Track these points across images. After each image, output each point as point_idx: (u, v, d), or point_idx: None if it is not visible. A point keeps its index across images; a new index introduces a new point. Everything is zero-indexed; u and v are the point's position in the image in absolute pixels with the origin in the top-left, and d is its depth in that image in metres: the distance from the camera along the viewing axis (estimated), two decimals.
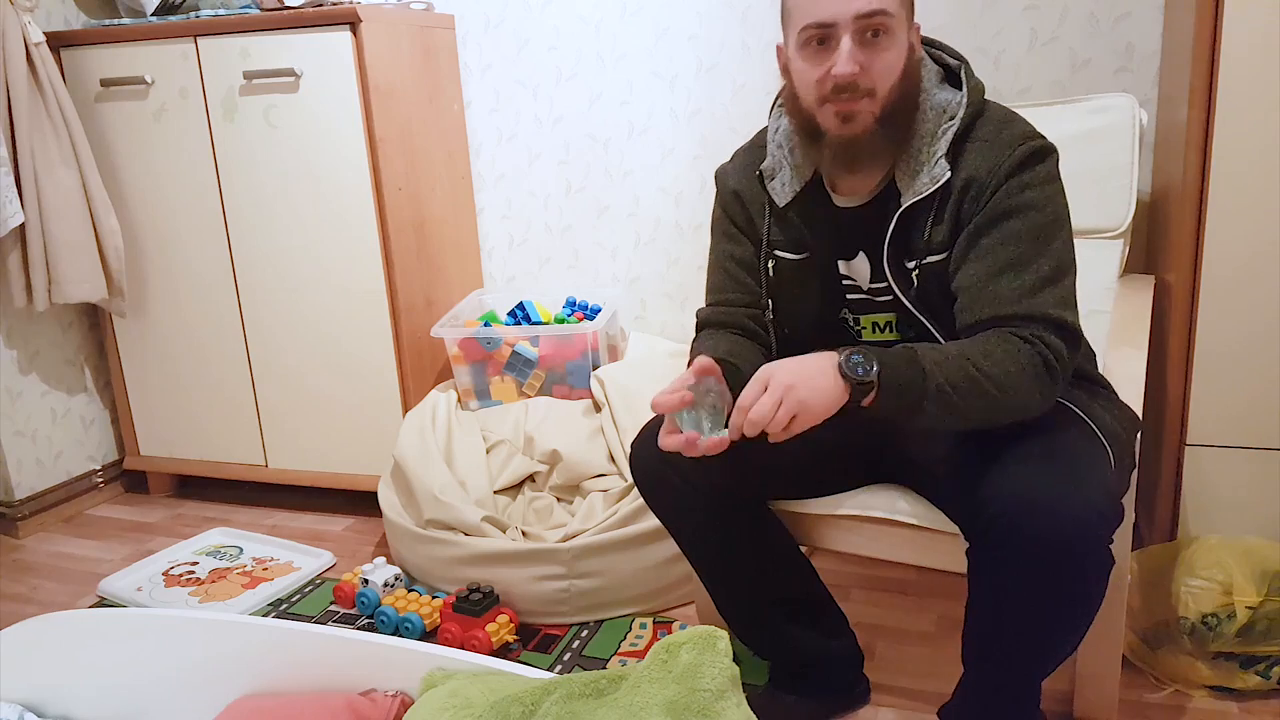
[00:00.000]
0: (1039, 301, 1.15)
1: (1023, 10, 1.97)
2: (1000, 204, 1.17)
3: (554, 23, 2.31)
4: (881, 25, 1.15)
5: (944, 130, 1.21)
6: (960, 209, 1.20)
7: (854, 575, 1.90)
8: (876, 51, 1.16)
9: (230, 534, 2.26)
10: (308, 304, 2.23)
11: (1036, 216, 1.17)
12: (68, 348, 2.46)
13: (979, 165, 1.19)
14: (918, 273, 1.23)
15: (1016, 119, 1.23)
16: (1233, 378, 1.57)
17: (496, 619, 1.72)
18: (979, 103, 1.22)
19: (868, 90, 1.17)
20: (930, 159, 1.20)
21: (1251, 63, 1.47)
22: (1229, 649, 1.47)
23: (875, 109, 1.18)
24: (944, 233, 1.21)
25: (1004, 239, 1.17)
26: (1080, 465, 1.10)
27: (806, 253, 1.32)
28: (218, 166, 2.21)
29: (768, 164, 1.33)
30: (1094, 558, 1.08)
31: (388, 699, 1.05)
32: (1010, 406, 1.12)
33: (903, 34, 1.18)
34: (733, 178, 1.39)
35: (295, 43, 2.06)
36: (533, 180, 2.44)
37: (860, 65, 1.15)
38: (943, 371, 1.09)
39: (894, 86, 1.18)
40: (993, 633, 1.19)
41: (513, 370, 2.15)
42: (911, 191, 1.21)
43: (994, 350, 1.11)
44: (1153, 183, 1.93)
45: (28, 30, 2.08)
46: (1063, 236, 1.19)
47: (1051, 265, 1.16)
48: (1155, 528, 1.70)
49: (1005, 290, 1.16)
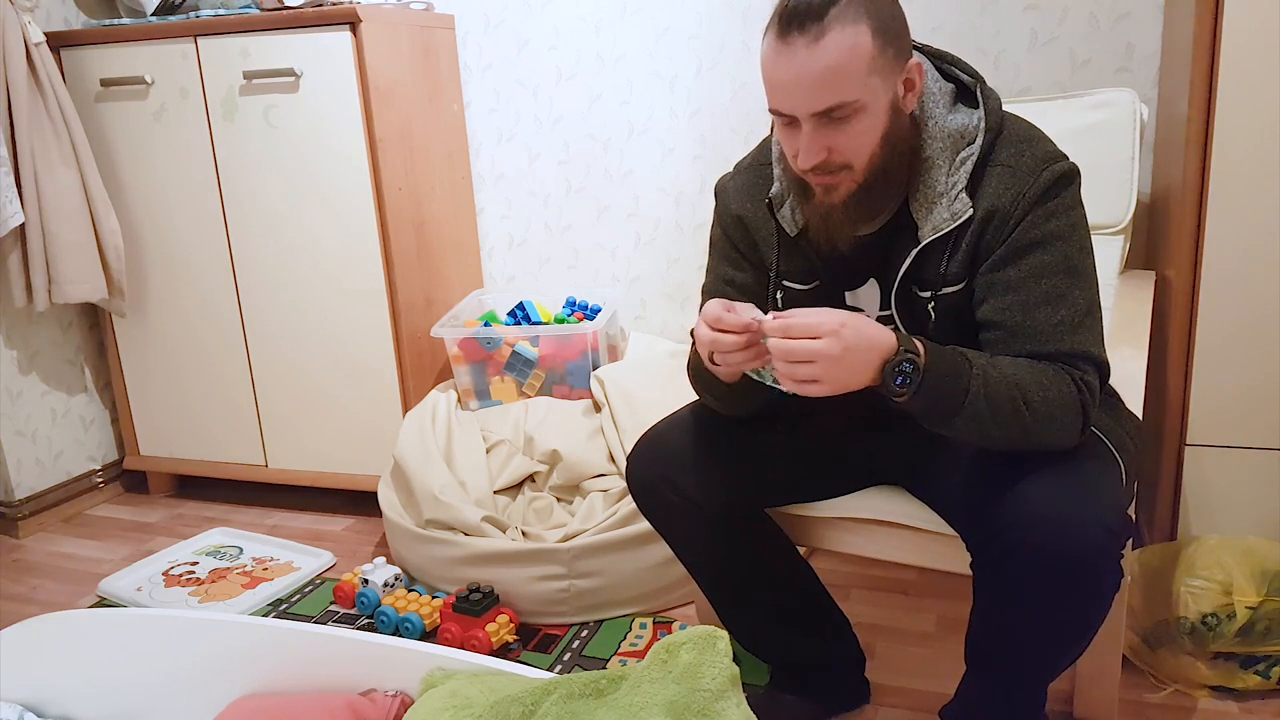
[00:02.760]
0: (1081, 339, 1.11)
1: (1023, 10, 1.97)
2: (1026, 234, 1.12)
3: (554, 23, 2.31)
4: (844, 112, 1.07)
5: (963, 159, 1.14)
6: (980, 239, 1.14)
7: (854, 576, 1.90)
8: (844, 131, 1.09)
9: (230, 534, 2.26)
10: (308, 304, 2.23)
11: (1064, 247, 1.12)
12: (68, 348, 2.46)
13: (1001, 194, 1.13)
14: (933, 304, 1.19)
15: (1036, 137, 1.17)
16: (1233, 377, 1.57)
17: (496, 619, 1.72)
18: (997, 124, 1.16)
19: (843, 165, 1.11)
20: (950, 189, 1.14)
21: (1251, 61, 1.47)
22: (1229, 649, 1.46)
23: (858, 178, 1.12)
24: (961, 264, 1.16)
25: (1035, 272, 1.12)
26: (1091, 481, 1.09)
27: (816, 282, 1.27)
28: (218, 167, 2.21)
29: (776, 190, 1.25)
30: (1105, 575, 1.06)
31: (388, 699, 1.05)
32: (1039, 441, 1.08)
33: (880, 99, 1.09)
34: (735, 200, 1.31)
35: (295, 43, 2.06)
36: (533, 180, 2.44)
37: (827, 149, 1.10)
38: (986, 394, 1.05)
39: (874, 154, 1.11)
40: (997, 642, 1.18)
41: (513, 370, 2.15)
42: (930, 226, 1.15)
43: (1049, 385, 1.07)
44: (1153, 181, 1.93)
45: (28, 30, 2.08)
46: (1090, 267, 1.15)
47: (1087, 299, 1.12)
48: (1155, 527, 1.70)
49: (1045, 326, 1.11)
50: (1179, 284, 1.59)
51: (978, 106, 1.17)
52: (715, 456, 1.32)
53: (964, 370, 1.06)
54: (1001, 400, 1.06)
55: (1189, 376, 1.60)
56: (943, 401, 1.06)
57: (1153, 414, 1.70)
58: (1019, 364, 1.10)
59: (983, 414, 1.06)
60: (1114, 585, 1.08)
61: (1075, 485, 1.07)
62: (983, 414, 1.06)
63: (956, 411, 1.06)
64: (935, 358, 1.06)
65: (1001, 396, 1.06)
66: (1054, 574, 1.05)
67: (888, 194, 1.17)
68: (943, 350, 1.07)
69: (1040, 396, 1.06)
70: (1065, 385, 1.08)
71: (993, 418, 1.06)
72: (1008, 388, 1.06)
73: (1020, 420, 1.06)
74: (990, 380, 1.06)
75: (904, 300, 1.21)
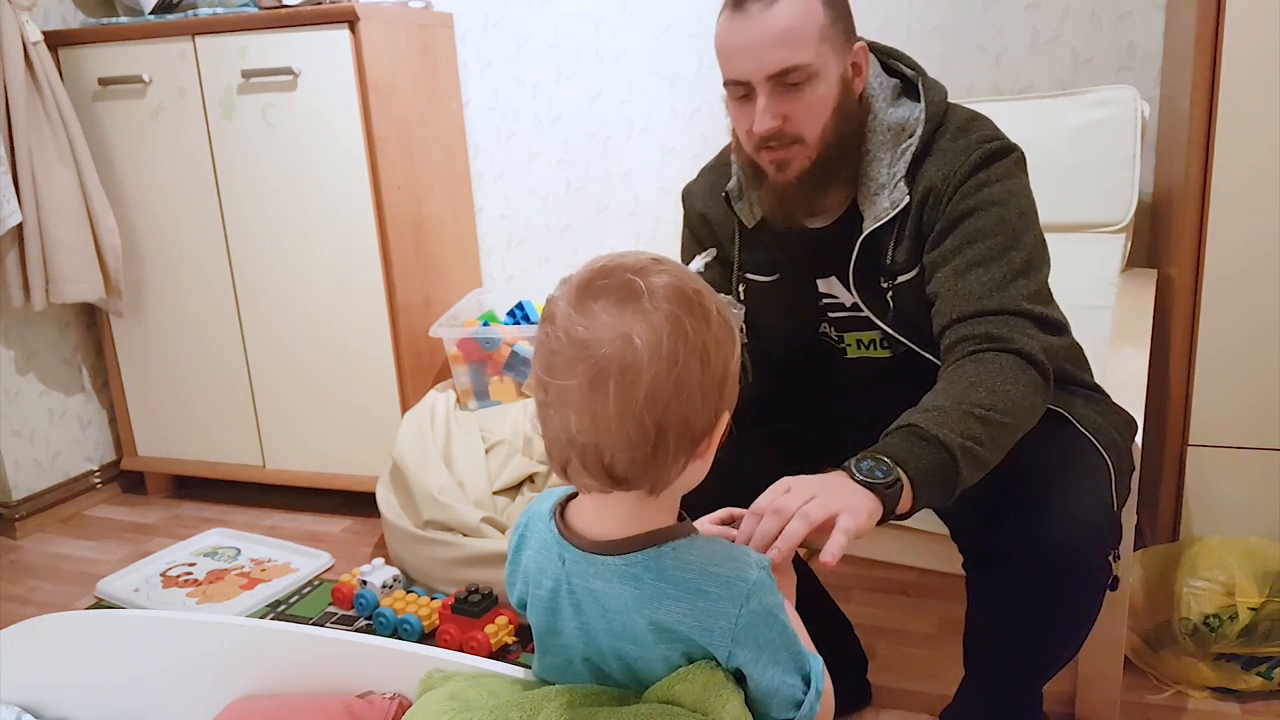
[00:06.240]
0: (1010, 295, 1.08)
1: (1024, 9, 1.96)
2: (959, 205, 1.13)
3: (553, 21, 2.31)
4: (798, 76, 1.09)
5: (903, 149, 1.17)
6: (921, 220, 1.16)
7: (855, 576, 1.89)
8: (798, 99, 1.11)
9: (228, 535, 2.26)
10: (306, 303, 2.22)
11: (998, 211, 1.12)
12: (65, 348, 2.45)
13: (935, 174, 1.15)
14: (892, 294, 1.20)
15: (977, 123, 1.18)
16: (1235, 377, 1.57)
17: (495, 620, 1.71)
18: (939, 115, 1.17)
19: (795, 137, 1.13)
20: (890, 181, 1.16)
21: (1254, 59, 1.46)
22: (1231, 650, 1.46)
23: (811, 153, 1.14)
24: (907, 250, 1.17)
25: (969, 237, 1.12)
26: (1076, 481, 1.09)
27: (778, 274, 1.29)
28: (216, 166, 2.20)
29: (733, 184, 1.27)
30: (1092, 573, 1.06)
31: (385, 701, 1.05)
32: (1023, 425, 1.05)
33: (832, 69, 1.12)
34: (699, 199, 1.35)
35: (293, 41, 2.05)
36: (532, 179, 2.43)
37: (782, 116, 1.11)
38: (956, 431, 0.98)
39: (826, 127, 1.13)
40: (991, 645, 1.18)
41: (512, 370, 2.14)
42: (872, 216, 1.17)
43: (982, 380, 1.03)
44: (1155, 180, 1.92)
45: (25, 29, 2.08)
46: (1032, 232, 1.14)
47: (1023, 259, 1.11)
48: (1157, 528, 1.69)
49: (974, 286, 1.10)
50: (1181, 283, 1.58)
51: (919, 100, 1.18)
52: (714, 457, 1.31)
53: (919, 432, 0.98)
54: (967, 424, 0.99)
55: (1191, 376, 1.59)
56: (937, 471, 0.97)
57: (1155, 414, 1.70)
58: (943, 387, 1.04)
59: (971, 449, 0.98)
60: (1103, 583, 1.08)
61: (1060, 486, 1.07)
62: (971, 449, 0.98)
63: (955, 467, 0.98)
64: (884, 445, 0.98)
65: (964, 422, 0.99)
66: (1040, 573, 1.05)
67: (839, 174, 1.18)
68: (886, 441, 0.99)
69: (985, 393, 1.02)
70: (991, 364, 1.04)
71: (979, 444, 0.99)
72: (960, 411, 1.00)
73: (994, 426, 1.01)
74: (943, 422, 0.98)
75: (866, 290, 1.22)
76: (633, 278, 0.74)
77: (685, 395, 0.74)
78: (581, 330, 0.73)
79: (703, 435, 0.78)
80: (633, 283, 0.74)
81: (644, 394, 0.72)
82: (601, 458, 0.75)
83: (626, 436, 0.73)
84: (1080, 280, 1.68)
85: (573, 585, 0.84)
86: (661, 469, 0.76)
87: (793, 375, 1.37)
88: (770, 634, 0.80)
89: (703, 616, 0.79)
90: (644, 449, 0.74)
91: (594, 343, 0.72)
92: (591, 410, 0.73)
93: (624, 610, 0.82)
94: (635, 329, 0.72)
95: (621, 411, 0.72)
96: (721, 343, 0.77)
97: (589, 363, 0.72)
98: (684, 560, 0.81)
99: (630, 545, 0.81)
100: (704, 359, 0.75)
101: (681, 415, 0.74)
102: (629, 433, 0.73)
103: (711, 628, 0.79)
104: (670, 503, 0.84)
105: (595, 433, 0.74)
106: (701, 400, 0.75)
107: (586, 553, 0.83)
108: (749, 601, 0.78)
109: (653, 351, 0.72)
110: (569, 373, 0.73)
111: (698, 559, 0.81)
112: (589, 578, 0.83)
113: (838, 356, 1.34)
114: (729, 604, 0.78)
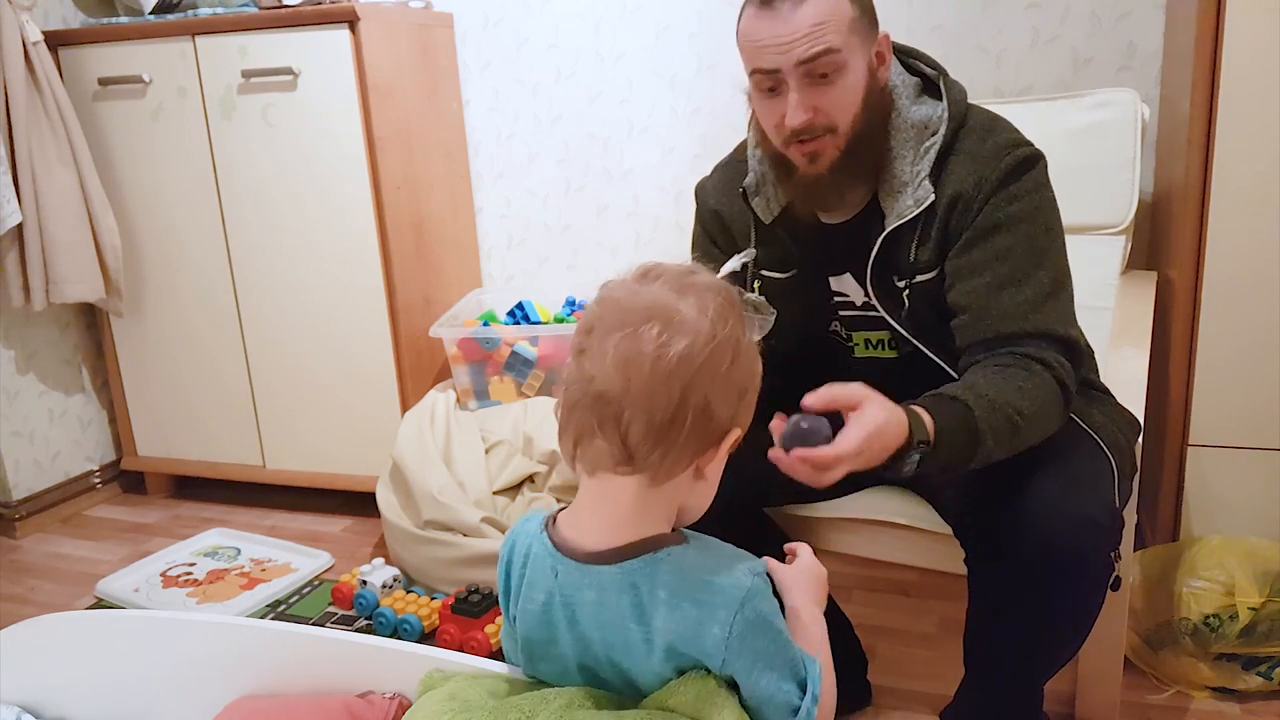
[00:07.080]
0: (1043, 318, 1.12)
1: (1024, 9, 1.96)
2: (989, 217, 1.14)
3: (553, 21, 2.31)
4: (829, 64, 1.10)
5: (927, 148, 1.17)
6: (948, 225, 1.17)
7: (855, 576, 1.89)
8: (829, 90, 1.12)
9: (228, 535, 2.26)
10: (306, 303, 2.22)
11: (1028, 228, 1.14)
12: (65, 348, 2.45)
13: (964, 179, 1.15)
14: (908, 292, 1.21)
15: (1000, 126, 1.19)
16: (1235, 378, 1.57)
17: (495, 620, 1.71)
18: (961, 115, 1.18)
19: (828, 128, 1.14)
20: (914, 179, 1.17)
21: (1254, 60, 1.46)
22: (1231, 650, 1.46)
23: (840, 143, 1.15)
24: (931, 251, 1.18)
25: (998, 254, 1.14)
26: (1079, 480, 1.09)
27: (793, 270, 1.30)
28: (216, 166, 2.20)
29: (750, 180, 1.28)
30: (1093, 569, 1.07)
31: (385, 701, 1.05)
32: (1035, 437, 1.08)
33: (859, 59, 1.13)
34: (713, 196, 1.35)
35: (293, 41, 2.05)
36: (532, 179, 2.43)
37: (814, 108, 1.12)
38: (992, 433, 1.03)
39: (857, 116, 1.14)
40: (992, 643, 1.18)
41: (512, 370, 2.14)
42: (895, 214, 1.18)
43: (1028, 387, 1.07)
44: (1155, 181, 1.92)
45: (25, 29, 2.08)
46: (1057, 246, 1.16)
47: (1050, 278, 1.14)
48: (1157, 528, 1.69)
49: (1008, 307, 1.12)
50: (1181, 284, 1.58)
51: (941, 99, 1.19)
52: None
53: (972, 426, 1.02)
54: (1004, 433, 1.04)
55: (1191, 377, 1.59)
56: (954, 466, 1.04)
57: (1155, 414, 1.70)
58: (992, 380, 1.08)
59: (989, 446, 1.04)
60: (1104, 580, 1.08)
61: (1062, 483, 1.08)
62: (989, 446, 1.04)
63: (970, 459, 1.04)
64: (942, 422, 1.02)
65: (1001, 423, 1.04)
66: (1042, 570, 1.06)
67: (865, 166, 1.18)
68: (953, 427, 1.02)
69: (1026, 399, 1.06)
70: (1037, 376, 1.09)
71: (996, 443, 1.04)
72: (1004, 411, 1.04)
73: (1019, 431, 1.06)
74: (995, 427, 1.03)
75: (881, 288, 1.22)
76: (689, 272, 0.83)
77: (713, 375, 0.78)
78: (637, 291, 0.81)
79: (715, 435, 0.80)
80: (689, 274, 0.82)
81: (680, 351, 0.76)
82: (620, 416, 0.76)
83: (651, 395, 0.76)
84: (1080, 281, 1.65)
85: (566, 597, 0.84)
86: (670, 449, 0.78)
87: (801, 373, 1.37)
88: (765, 641, 0.81)
89: (697, 624, 0.79)
90: (664, 414, 0.76)
91: (648, 301, 0.79)
92: (628, 356, 0.76)
93: (619, 621, 0.82)
94: (686, 302, 0.79)
95: (656, 361, 0.76)
96: (751, 357, 0.82)
97: (639, 312, 0.78)
98: (680, 567, 0.81)
99: (626, 553, 0.81)
100: (735, 356, 0.80)
101: (705, 394, 0.77)
102: (655, 391, 0.76)
103: (706, 634, 0.79)
104: (667, 511, 0.85)
105: (624, 380, 0.76)
106: (724, 391, 0.79)
107: (581, 563, 0.83)
108: (744, 608, 0.79)
109: (697, 321, 0.78)
110: (617, 323, 0.78)
111: (694, 565, 0.81)
112: (583, 589, 0.83)
113: (846, 355, 1.34)
114: (724, 610, 0.79)
